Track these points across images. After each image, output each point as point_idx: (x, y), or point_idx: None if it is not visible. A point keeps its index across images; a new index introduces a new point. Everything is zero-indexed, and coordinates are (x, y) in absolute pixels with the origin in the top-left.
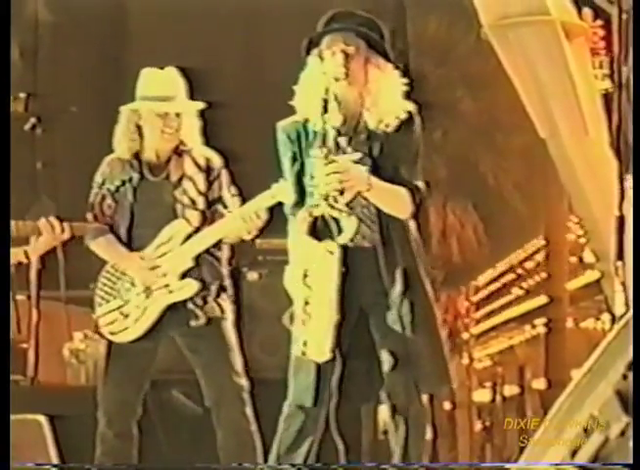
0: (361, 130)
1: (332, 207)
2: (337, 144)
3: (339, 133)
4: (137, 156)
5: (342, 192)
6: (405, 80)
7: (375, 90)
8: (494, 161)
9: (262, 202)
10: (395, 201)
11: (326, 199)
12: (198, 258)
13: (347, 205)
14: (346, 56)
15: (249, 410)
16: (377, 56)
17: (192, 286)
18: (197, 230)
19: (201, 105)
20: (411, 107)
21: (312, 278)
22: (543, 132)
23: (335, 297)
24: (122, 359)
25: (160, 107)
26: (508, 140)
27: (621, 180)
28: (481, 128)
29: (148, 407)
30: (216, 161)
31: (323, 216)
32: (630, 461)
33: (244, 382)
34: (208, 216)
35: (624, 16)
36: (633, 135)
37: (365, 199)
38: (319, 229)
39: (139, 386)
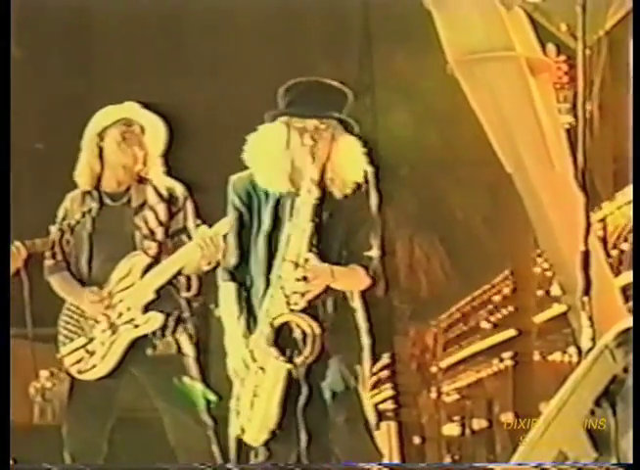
0: (321, 200)
1: (296, 314)
2: (292, 211)
3: (296, 203)
4: (97, 187)
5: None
6: (364, 149)
7: (337, 164)
8: (461, 195)
9: (219, 229)
10: (353, 281)
11: (288, 303)
12: (158, 290)
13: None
14: (313, 131)
15: (215, 448)
16: (343, 133)
17: (156, 319)
18: (155, 261)
19: (157, 122)
20: (369, 170)
21: (266, 376)
22: (509, 166)
23: (278, 407)
24: (85, 397)
25: (122, 123)
26: (474, 175)
27: (587, 214)
28: (448, 163)
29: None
30: (179, 190)
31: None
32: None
33: (208, 420)
34: (170, 247)
35: (588, 51)
36: (633, 136)
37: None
38: (280, 332)
39: (103, 424)
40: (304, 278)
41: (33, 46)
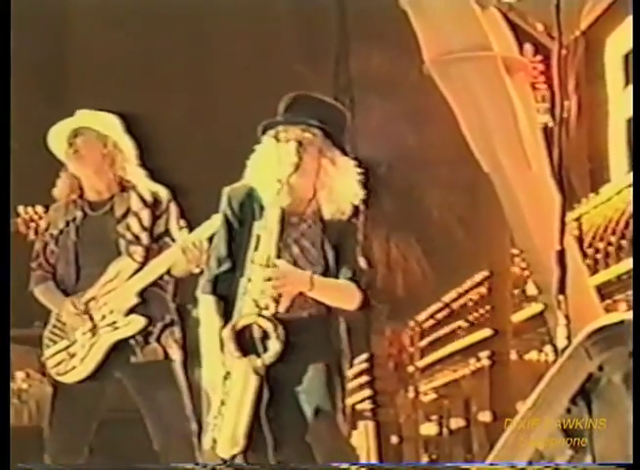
0: (309, 215)
1: (261, 315)
2: (281, 226)
3: (284, 216)
4: (81, 195)
5: (276, 299)
6: (359, 170)
7: (328, 183)
8: (438, 195)
9: (202, 232)
10: (341, 295)
11: (257, 306)
12: (145, 294)
13: (276, 315)
14: (300, 145)
15: (199, 454)
16: (332, 148)
17: (138, 322)
18: (142, 266)
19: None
20: (361, 195)
21: (232, 383)
22: (486, 166)
23: (249, 412)
24: (69, 401)
25: (79, 133)
26: (452, 174)
27: (563, 214)
28: (425, 163)
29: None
30: (163, 194)
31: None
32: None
33: (193, 426)
34: (156, 251)
35: (564, 51)
36: (633, 135)
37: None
38: (245, 337)
39: (86, 427)
40: (270, 279)
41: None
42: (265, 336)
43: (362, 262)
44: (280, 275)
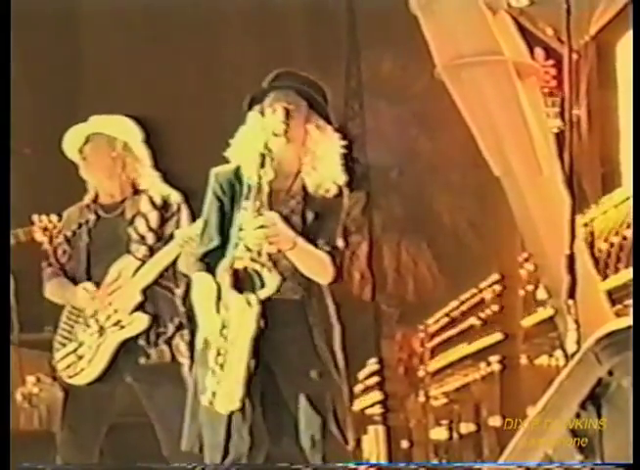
0: (297, 191)
1: (254, 260)
2: (269, 200)
3: (271, 190)
4: (95, 200)
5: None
6: (343, 143)
7: (314, 152)
8: (449, 199)
9: (198, 228)
10: (316, 265)
11: (249, 250)
12: (152, 293)
13: (271, 258)
14: (287, 112)
15: (208, 461)
16: (317, 117)
17: (142, 320)
18: (144, 264)
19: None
20: (344, 177)
21: (229, 329)
22: (497, 170)
23: (248, 351)
24: (80, 405)
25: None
26: (463, 179)
27: (573, 218)
28: (437, 167)
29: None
30: (175, 197)
31: (246, 269)
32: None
33: None
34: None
35: (575, 56)
36: (633, 135)
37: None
38: (241, 281)
39: (97, 431)
40: (262, 227)
41: (21, 56)
42: (261, 280)
43: (340, 241)
44: (269, 223)
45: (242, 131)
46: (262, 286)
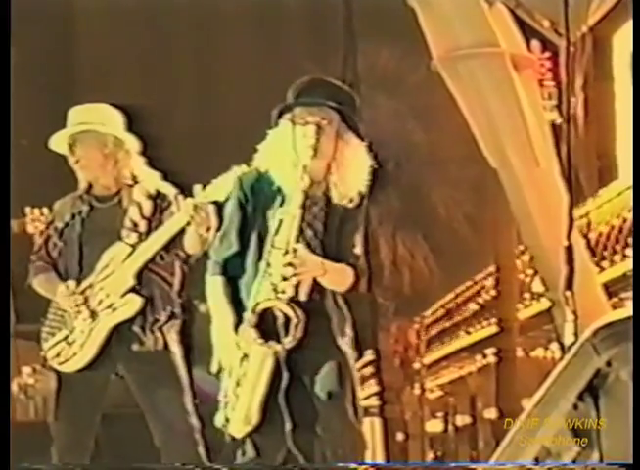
0: (319, 197)
1: (280, 299)
2: (303, 211)
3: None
4: (88, 191)
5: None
6: (373, 159)
7: (342, 166)
8: (445, 191)
9: (205, 196)
10: (342, 279)
11: (275, 290)
12: (145, 278)
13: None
14: (318, 128)
15: (201, 450)
16: (348, 131)
17: (135, 302)
18: (134, 249)
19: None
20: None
21: (249, 363)
22: (494, 163)
23: (262, 396)
24: (73, 393)
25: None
26: (459, 171)
27: (571, 211)
28: (433, 159)
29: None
30: (170, 190)
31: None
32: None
33: (194, 422)
34: None
35: (572, 48)
36: (633, 135)
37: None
38: (265, 321)
39: (91, 420)
40: (290, 264)
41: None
42: (286, 320)
43: (360, 249)
44: (299, 262)
45: (272, 138)
46: (286, 323)
